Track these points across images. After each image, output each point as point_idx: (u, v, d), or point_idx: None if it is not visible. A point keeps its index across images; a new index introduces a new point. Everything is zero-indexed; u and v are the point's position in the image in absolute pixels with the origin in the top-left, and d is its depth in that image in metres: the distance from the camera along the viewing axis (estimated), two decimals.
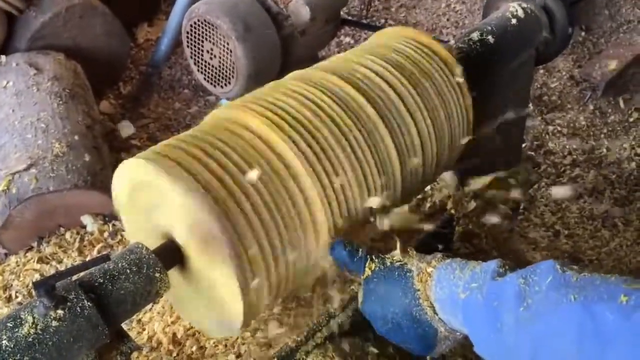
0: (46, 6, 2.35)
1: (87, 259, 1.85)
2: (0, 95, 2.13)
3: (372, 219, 1.11)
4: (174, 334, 1.27)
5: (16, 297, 1.77)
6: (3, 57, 2.28)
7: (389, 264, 0.97)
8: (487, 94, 1.37)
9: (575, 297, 0.68)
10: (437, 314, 0.90)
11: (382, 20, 3.50)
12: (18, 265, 1.85)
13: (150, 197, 0.99)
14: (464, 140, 1.33)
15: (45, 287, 0.81)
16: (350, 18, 3.33)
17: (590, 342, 0.65)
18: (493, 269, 0.82)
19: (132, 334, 1.33)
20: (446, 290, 0.87)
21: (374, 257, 0.99)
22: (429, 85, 1.21)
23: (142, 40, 3.13)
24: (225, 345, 1.21)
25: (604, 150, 2.72)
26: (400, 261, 0.96)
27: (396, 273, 0.95)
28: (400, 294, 0.93)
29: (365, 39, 3.26)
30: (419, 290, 0.91)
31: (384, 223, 1.12)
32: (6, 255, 1.89)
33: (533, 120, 2.77)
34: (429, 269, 0.92)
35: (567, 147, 2.71)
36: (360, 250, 1.00)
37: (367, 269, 0.99)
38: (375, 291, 0.97)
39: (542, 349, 0.69)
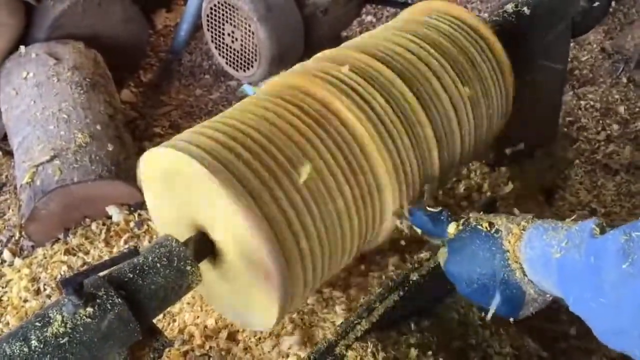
0: None
1: (114, 249, 1.82)
2: (21, 86, 2.11)
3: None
4: (206, 327, 1.23)
5: (44, 289, 1.75)
6: (22, 47, 2.24)
7: (474, 224, 0.95)
8: (524, 68, 1.31)
9: None
10: (526, 276, 0.88)
11: None
12: (45, 258, 1.83)
13: (186, 189, 0.95)
14: (502, 121, 1.27)
15: (73, 284, 0.78)
16: None
17: None
18: (591, 227, 0.78)
19: (163, 326, 1.31)
20: (538, 251, 0.84)
21: (457, 219, 0.98)
22: (467, 63, 1.16)
23: (161, 26, 3.09)
24: (259, 338, 1.18)
25: None
26: (486, 221, 0.94)
27: (483, 234, 0.93)
28: (487, 254, 0.91)
29: (388, 16, 3.18)
30: (507, 251, 0.89)
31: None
32: (33, 247, 1.87)
33: (564, 95, 2.67)
34: (519, 230, 0.89)
35: (601, 122, 2.61)
36: (442, 213, 0.99)
37: (450, 230, 0.97)
38: (461, 252, 0.95)
39: None
